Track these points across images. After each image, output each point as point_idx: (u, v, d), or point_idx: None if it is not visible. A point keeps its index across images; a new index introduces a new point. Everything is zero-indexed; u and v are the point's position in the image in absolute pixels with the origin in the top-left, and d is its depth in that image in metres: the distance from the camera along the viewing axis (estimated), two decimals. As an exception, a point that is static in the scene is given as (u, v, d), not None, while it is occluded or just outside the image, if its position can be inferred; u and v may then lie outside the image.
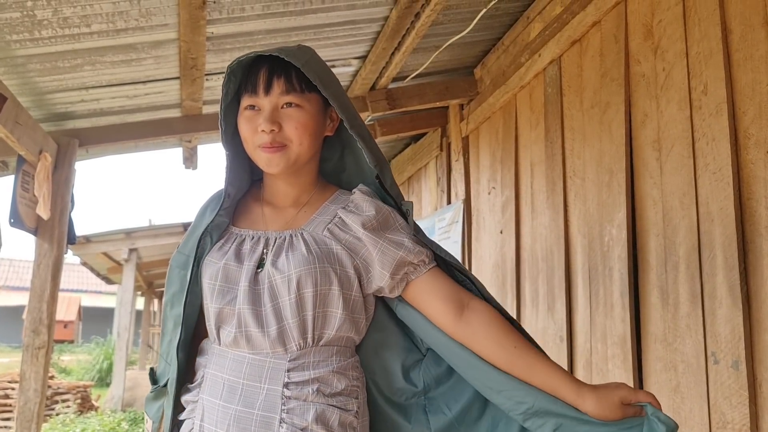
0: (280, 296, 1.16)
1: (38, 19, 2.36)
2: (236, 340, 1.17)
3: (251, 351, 1.17)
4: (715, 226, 1.76)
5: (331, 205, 1.27)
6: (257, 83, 1.20)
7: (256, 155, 1.23)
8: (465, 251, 3.63)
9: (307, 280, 1.15)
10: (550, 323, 2.62)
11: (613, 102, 2.27)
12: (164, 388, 1.25)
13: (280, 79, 1.19)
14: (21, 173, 3.15)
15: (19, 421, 3.16)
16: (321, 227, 1.23)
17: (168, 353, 1.26)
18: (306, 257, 1.17)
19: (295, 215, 1.27)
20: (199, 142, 4.05)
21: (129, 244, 9.11)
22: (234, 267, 1.20)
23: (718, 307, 1.73)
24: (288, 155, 1.21)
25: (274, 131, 1.19)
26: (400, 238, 1.21)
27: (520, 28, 3.03)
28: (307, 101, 1.22)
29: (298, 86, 1.20)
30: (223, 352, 1.20)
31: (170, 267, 1.30)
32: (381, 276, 1.20)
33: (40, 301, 3.26)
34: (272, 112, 1.19)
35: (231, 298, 1.18)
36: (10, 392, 7.57)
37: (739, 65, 1.73)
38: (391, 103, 3.51)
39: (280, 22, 2.67)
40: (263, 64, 1.21)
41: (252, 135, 1.21)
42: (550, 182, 2.71)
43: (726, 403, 1.69)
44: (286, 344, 1.16)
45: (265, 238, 1.23)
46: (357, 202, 1.24)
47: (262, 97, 1.20)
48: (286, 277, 1.16)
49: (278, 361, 1.16)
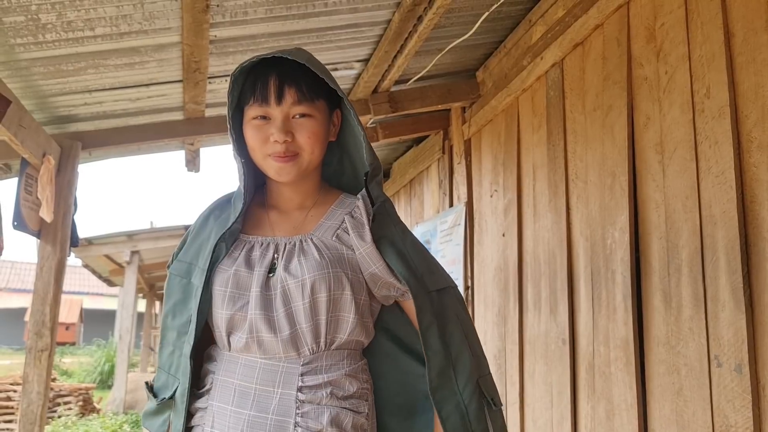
0: (293, 301, 1.16)
1: (42, 23, 2.37)
2: (248, 345, 1.17)
3: (263, 356, 1.17)
4: (718, 229, 1.76)
5: (337, 209, 1.28)
6: (267, 93, 1.19)
7: (265, 164, 1.23)
8: (467, 254, 3.63)
9: (321, 285, 1.16)
10: (553, 326, 2.62)
11: (616, 105, 2.27)
12: (169, 401, 1.22)
13: (292, 88, 1.19)
14: (24, 176, 3.16)
15: (21, 424, 3.16)
16: (330, 232, 1.24)
17: (172, 364, 1.24)
18: (319, 262, 1.18)
19: (302, 220, 1.28)
20: (202, 145, 4.05)
21: (131, 246, 9.12)
22: (245, 273, 1.20)
23: (721, 310, 1.73)
24: (300, 164, 1.22)
25: (288, 141, 1.19)
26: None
27: (522, 31, 3.04)
28: (317, 110, 1.23)
29: (309, 95, 1.20)
30: (233, 357, 1.20)
31: (170, 276, 1.29)
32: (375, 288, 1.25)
33: (43, 304, 3.26)
34: (284, 122, 1.20)
35: (242, 304, 1.18)
36: (12, 394, 7.58)
37: (741, 68, 1.73)
38: (393, 105, 3.52)
39: (283, 26, 2.68)
40: (269, 72, 1.20)
41: (262, 144, 1.21)
42: (552, 185, 2.71)
43: (729, 406, 1.69)
44: (299, 348, 1.17)
45: (275, 243, 1.24)
46: (362, 210, 1.25)
47: (274, 107, 1.20)
48: (299, 281, 1.16)
49: (291, 365, 1.16)
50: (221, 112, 3.61)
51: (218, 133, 3.66)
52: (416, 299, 1.18)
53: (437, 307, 1.21)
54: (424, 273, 1.23)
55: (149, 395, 1.27)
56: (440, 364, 1.16)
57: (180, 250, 1.31)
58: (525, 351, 2.90)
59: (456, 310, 1.24)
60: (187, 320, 1.23)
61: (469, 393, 1.15)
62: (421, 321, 1.16)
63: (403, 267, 1.19)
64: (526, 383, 2.87)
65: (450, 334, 1.19)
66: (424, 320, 1.17)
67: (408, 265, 1.21)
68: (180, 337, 1.23)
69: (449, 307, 1.23)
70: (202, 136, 3.70)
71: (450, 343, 1.18)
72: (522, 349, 2.93)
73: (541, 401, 2.70)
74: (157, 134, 3.61)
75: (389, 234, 1.24)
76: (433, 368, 1.15)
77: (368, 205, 1.24)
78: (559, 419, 2.53)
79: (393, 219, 1.28)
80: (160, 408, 1.24)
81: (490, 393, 1.19)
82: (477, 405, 1.15)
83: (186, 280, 1.25)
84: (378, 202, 1.24)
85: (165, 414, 1.24)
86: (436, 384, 1.14)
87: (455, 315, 1.23)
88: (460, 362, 1.17)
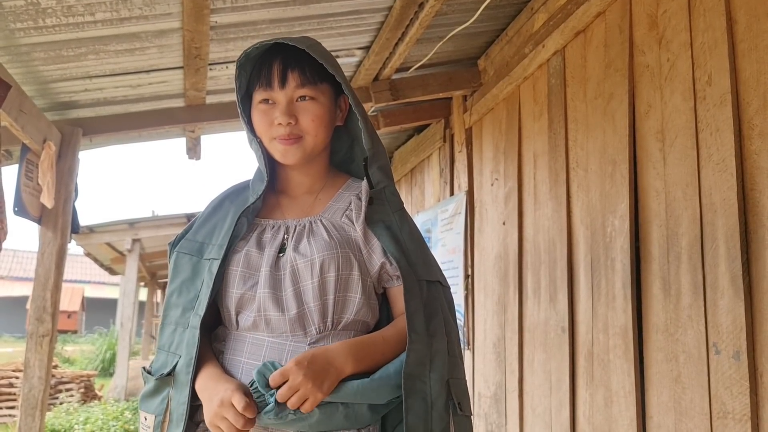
0: (302, 280, 1.18)
1: (42, 7, 2.36)
2: (255, 323, 1.19)
3: (270, 334, 1.18)
4: (718, 216, 1.76)
5: (345, 192, 1.31)
6: (271, 77, 1.22)
7: (271, 147, 1.26)
8: (467, 243, 3.64)
9: (330, 265, 1.18)
10: (552, 314, 2.63)
11: (617, 93, 2.27)
12: (168, 377, 1.20)
13: (295, 72, 1.22)
14: (25, 162, 3.16)
15: (23, 408, 3.18)
16: (339, 214, 1.26)
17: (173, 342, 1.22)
18: (328, 242, 1.20)
19: (311, 203, 1.30)
20: (203, 132, 4.05)
21: (132, 234, 9.14)
22: (255, 254, 1.22)
23: (720, 297, 1.74)
24: (304, 147, 1.24)
25: (291, 124, 1.22)
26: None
27: (524, 19, 3.02)
28: (321, 93, 1.25)
29: (312, 78, 1.23)
30: (241, 336, 1.21)
31: (177, 255, 1.29)
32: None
33: (44, 290, 3.27)
34: (288, 105, 1.23)
35: (252, 283, 1.20)
36: (15, 381, 7.62)
37: (743, 55, 1.73)
38: (394, 94, 3.51)
39: (284, 12, 2.67)
40: (274, 57, 1.23)
41: (268, 127, 1.24)
42: (553, 173, 2.71)
43: (727, 393, 1.69)
44: (305, 327, 1.18)
45: (285, 226, 1.26)
46: (363, 193, 1.26)
47: (277, 91, 1.22)
48: (309, 261, 1.18)
49: (298, 344, 1.17)
50: (222, 99, 3.60)
51: (219, 121, 3.65)
52: (405, 280, 1.18)
53: (426, 296, 1.20)
54: (418, 262, 1.23)
55: (146, 377, 1.26)
56: (420, 352, 1.14)
57: (188, 231, 1.32)
58: (524, 339, 2.91)
59: (443, 307, 1.24)
60: (194, 296, 1.23)
61: (437, 390, 1.14)
62: (408, 304, 1.15)
63: (396, 249, 1.20)
64: (526, 371, 2.87)
65: (434, 327, 1.19)
66: (411, 304, 1.16)
67: (401, 248, 1.22)
68: (185, 313, 1.22)
69: (437, 300, 1.23)
70: (202, 123, 3.69)
71: (433, 334, 1.18)
72: (521, 337, 2.93)
73: (540, 389, 2.71)
74: (157, 121, 3.61)
75: (386, 219, 1.25)
76: (413, 352, 1.13)
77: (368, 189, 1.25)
78: (558, 406, 2.54)
79: (392, 205, 1.29)
80: (157, 386, 1.22)
81: (459, 397, 1.18)
82: (443, 404, 1.14)
83: (197, 258, 1.26)
84: (378, 187, 1.26)
85: (163, 392, 1.22)
86: (412, 370, 1.13)
87: (441, 311, 1.22)
88: (438, 357, 1.17)
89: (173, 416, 1.18)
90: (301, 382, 1.06)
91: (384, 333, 1.21)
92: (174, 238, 1.33)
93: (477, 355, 3.47)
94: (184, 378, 1.17)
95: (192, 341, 1.18)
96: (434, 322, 1.19)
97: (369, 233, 1.23)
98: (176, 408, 1.18)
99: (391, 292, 1.27)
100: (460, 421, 1.17)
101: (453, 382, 1.18)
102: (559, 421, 2.52)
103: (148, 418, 1.22)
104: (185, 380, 1.17)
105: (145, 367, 1.29)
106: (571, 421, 2.43)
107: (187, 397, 1.16)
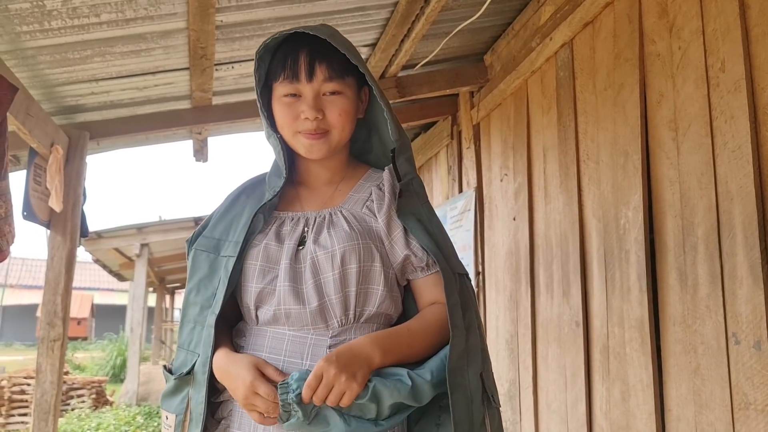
0: (322, 272, 1.16)
1: (48, 10, 2.36)
2: (276, 317, 1.17)
3: (291, 328, 1.16)
4: (735, 204, 1.73)
5: (365, 182, 1.29)
6: (298, 69, 1.19)
7: (295, 141, 1.23)
8: (477, 239, 3.61)
9: (351, 256, 1.15)
10: (566, 309, 2.60)
11: (627, 83, 2.24)
12: (187, 377, 1.20)
13: (323, 65, 1.19)
14: (33, 166, 3.16)
15: (36, 413, 3.17)
16: (359, 205, 1.24)
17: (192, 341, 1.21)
18: (349, 233, 1.18)
19: (331, 194, 1.28)
20: (210, 134, 4.04)
21: (140, 239, 9.16)
22: (275, 247, 1.20)
23: (738, 287, 1.71)
24: (330, 141, 1.22)
25: (318, 119, 1.19)
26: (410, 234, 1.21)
27: (530, 12, 3.00)
28: (348, 87, 1.23)
29: (339, 72, 1.20)
30: (261, 331, 1.19)
31: (195, 253, 1.27)
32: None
33: (55, 294, 3.27)
34: (315, 99, 1.20)
35: (272, 277, 1.18)
36: (26, 388, 7.64)
37: (757, 40, 1.70)
38: (401, 91, 3.49)
39: (290, 10, 2.65)
40: (300, 48, 1.20)
41: (292, 121, 1.21)
42: (563, 167, 2.68)
43: (748, 383, 1.66)
44: (327, 320, 1.15)
45: (305, 218, 1.24)
46: (386, 183, 1.24)
47: (305, 84, 1.19)
48: (329, 252, 1.16)
49: (320, 337, 1.15)
50: (228, 100, 3.60)
51: (226, 122, 3.64)
52: (444, 273, 1.16)
53: (461, 289, 1.19)
54: (448, 255, 1.22)
55: (167, 376, 1.26)
56: (461, 346, 1.13)
57: (205, 228, 1.30)
58: (538, 335, 2.88)
59: (473, 300, 1.23)
60: (212, 294, 1.21)
61: (475, 384, 1.13)
62: (448, 296, 1.13)
63: (431, 242, 1.18)
64: (540, 367, 2.85)
65: (469, 319, 1.18)
66: (451, 297, 1.14)
67: (435, 240, 1.20)
68: (203, 311, 1.21)
69: (468, 293, 1.22)
70: (209, 125, 3.69)
71: (468, 328, 1.16)
72: (535, 332, 2.91)
73: (555, 384, 2.68)
74: (164, 123, 3.60)
75: (416, 211, 1.23)
76: (455, 347, 1.12)
77: (395, 180, 1.23)
78: (574, 402, 2.51)
79: (420, 198, 1.27)
80: (177, 385, 1.22)
81: (491, 389, 1.18)
82: (480, 398, 1.13)
83: (214, 255, 1.24)
84: (406, 179, 1.24)
85: (183, 391, 1.21)
86: (455, 365, 1.11)
87: (473, 303, 1.22)
88: (473, 351, 1.16)
89: (192, 416, 1.18)
90: (334, 376, 1.03)
91: (410, 325, 1.18)
92: (191, 234, 1.32)
93: (489, 352, 3.44)
94: (201, 378, 1.16)
95: (208, 340, 1.17)
96: (468, 315, 1.18)
97: (392, 224, 1.20)
98: (195, 407, 1.17)
99: (416, 284, 1.24)
100: (494, 414, 1.16)
101: (486, 375, 1.17)
102: (576, 416, 2.49)
103: (169, 417, 1.22)
104: (202, 380, 1.16)
105: (166, 365, 1.29)
106: (588, 416, 2.41)
107: (204, 396, 1.15)
